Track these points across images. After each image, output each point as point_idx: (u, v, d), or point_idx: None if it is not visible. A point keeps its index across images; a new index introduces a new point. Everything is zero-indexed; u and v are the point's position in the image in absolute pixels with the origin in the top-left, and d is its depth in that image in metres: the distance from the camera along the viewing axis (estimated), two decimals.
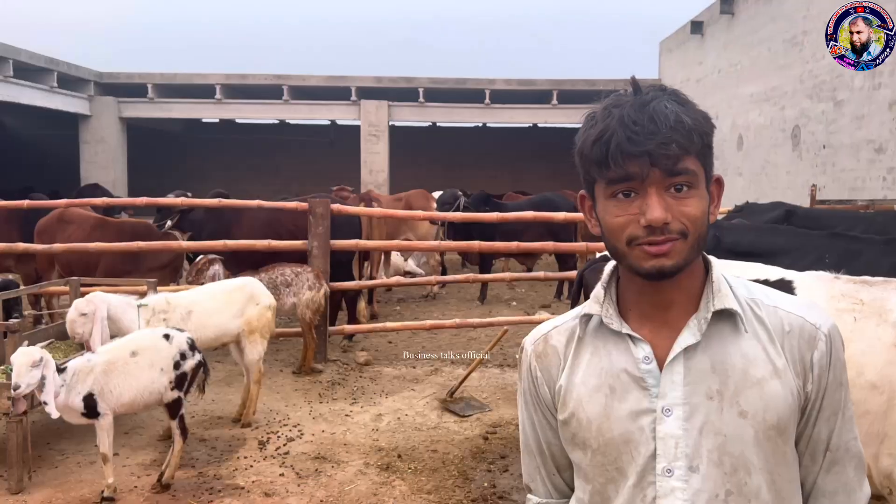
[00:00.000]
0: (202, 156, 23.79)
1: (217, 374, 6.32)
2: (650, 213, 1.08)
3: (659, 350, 1.16)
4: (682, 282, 1.15)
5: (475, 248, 7.90)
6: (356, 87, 19.05)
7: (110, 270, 6.98)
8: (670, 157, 1.07)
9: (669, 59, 18.11)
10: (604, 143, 1.10)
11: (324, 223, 6.81)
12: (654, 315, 1.18)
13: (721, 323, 1.15)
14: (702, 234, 1.12)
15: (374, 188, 18.38)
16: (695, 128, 1.09)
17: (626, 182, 1.10)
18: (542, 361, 1.28)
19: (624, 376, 1.17)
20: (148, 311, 4.83)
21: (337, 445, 4.86)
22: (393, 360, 7.16)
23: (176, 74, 19.44)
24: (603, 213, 1.16)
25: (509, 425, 5.31)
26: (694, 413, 1.12)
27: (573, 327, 1.25)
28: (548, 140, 23.18)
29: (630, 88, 1.16)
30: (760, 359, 1.14)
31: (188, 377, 4.23)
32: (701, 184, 1.12)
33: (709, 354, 1.14)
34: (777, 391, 1.12)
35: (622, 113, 1.10)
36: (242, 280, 5.51)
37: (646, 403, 1.14)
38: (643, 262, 1.11)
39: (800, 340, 1.15)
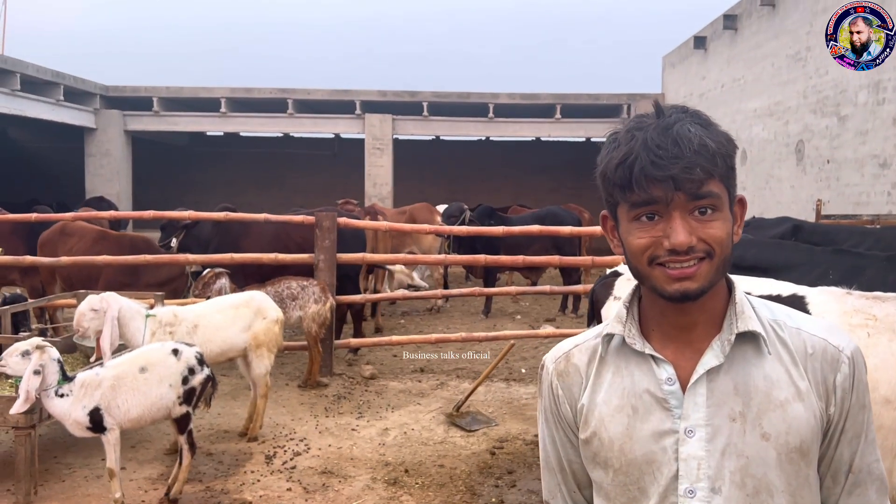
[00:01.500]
0: (206, 169, 23.87)
1: (223, 387, 6.31)
2: (674, 238, 1.08)
3: (682, 371, 1.16)
4: (705, 304, 1.15)
5: (481, 261, 7.90)
6: (360, 100, 19.14)
7: (111, 284, 6.99)
8: (694, 181, 1.07)
9: (672, 73, 18.19)
10: (627, 167, 1.10)
11: (330, 236, 6.83)
12: (677, 336, 1.18)
13: (744, 344, 1.15)
14: (726, 255, 1.12)
15: (378, 201, 18.42)
16: (718, 151, 1.09)
17: (650, 205, 1.10)
18: (564, 380, 1.28)
19: (647, 397, 1.17)
20: (155, 323, 4.84)
21: (344, 460, 4.85)
22: (398, 373, 7.15)
23: (181, 88, 19.55)
24: (626, 234, 1.16)
25: (516, 440, 5.30)
26: (716, 434, 1.12)
27: (595, 346, 1.25)
28: (551, 154, 23.25)
29: (653, 109, 1.16)
30: (783, 381, 1.14)
31: (196, 392, 4.23)
32: (725, 205, 1.12)
33: (731, 376, 1.14)
34: (800, 413, 1.12)
35: (645, 136, 1.09)
36: (249, 294, 5.52)
37: (668, 424, 1.15)
38: (667, 286, 1.11)
39: (822, 363, 1.15)
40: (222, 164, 23.91)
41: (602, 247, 18.25)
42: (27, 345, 3.84)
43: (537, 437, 4.65)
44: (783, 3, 12.14)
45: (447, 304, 11.26)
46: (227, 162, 23.91)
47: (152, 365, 4.09)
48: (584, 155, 23.22)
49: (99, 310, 4.64)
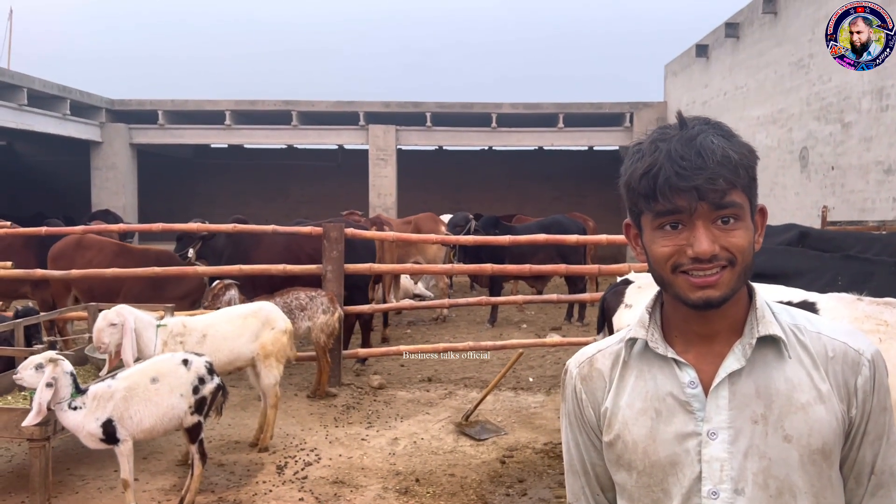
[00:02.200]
0: (211, 181, 23.97)
1: (232, 398, 6.32)
2: (698, 246, 1.11)
3: (704, 375, 1.18)
4: (727, 311, 1.18)
5: (487, 270, 7.92)
6: (364, 112, 19.23)
7: (133, 298, 7.02)
8: (717, 192, 1.10)
9: (675, 82, 18.25)
10: (652, 178, 1.13)
11: (338, 247, 6.86)
12: (699, 341, 1.20)
13: (765, 349, 1.18)
14: (748, 263, 1.15)
15: (383, 211, 18.48)
16: (741, 162, 1.13)
17: (674, 215, 1.13)
18: (588, 384, 1.31)
19: (670, 400, 1.19)
20: (165, 332, 4.88)
21: (354, 469, 4.86)
22: (406, 383, 7.16)
23: (186, 101, 19.67)
24: (650, 242, 1.19)
25: (526, 449, 5.30)
26: (739, 436, 1.15)
27: (618, 351, 1.28)
28: (554, 163, 23.30)
29: (676, 121, 1.19)
30: (805, 384, 1.16)
31: (207, 401, 4.26)
32: (747, 215, 1.15)
33: (753, 379, 1.16)
34: (821, 416, 1.14)
35: (669, 147, 1.12)
36: (258, 305, 5.54)
37: (691, 427, 1.17)
38: (690, 293, 1.13)
39: (843, 366, 1.17)
40: (227, 176, 24.01)
41: (607, 255, 18.39)
42: (41, 358, 3.89)
43: (546, 445, 4.68)
44: (785, 10, 12.19)
45: (453, 314, 11.28)
46: (232, 174, 24.01)
47: (163, 375, 4.11)
48: (587, 163, 23.29)
49: (117, 323, 4.69)
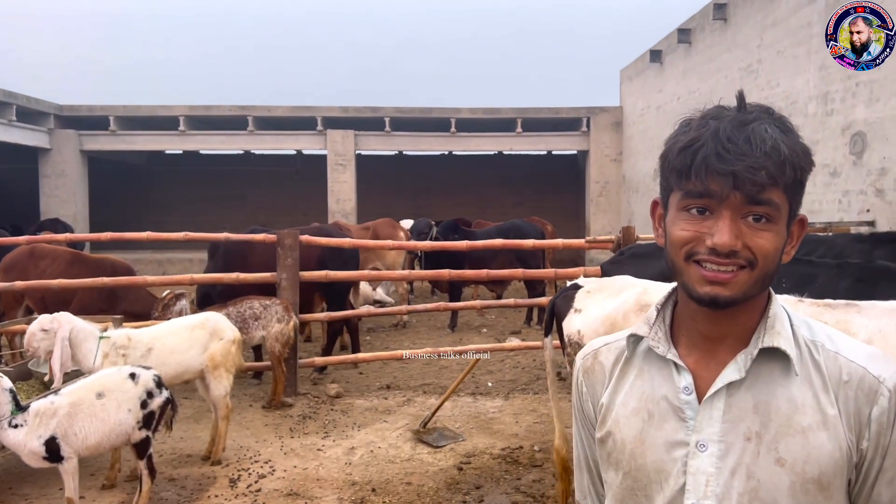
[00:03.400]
0: (166, 188, 23.52)
1: (185, 410, 6.20)
2: (718, 237, 1.02)
3: (702, 381, 1.11)
4: (738, 316, 1.09)
5: (445, 276, 7.91)
6: (322, 116, 19.08)
7: (84, 309, 6.83)
8: (756, 184, 1.00)
9: (630, 86, 18.52)
10: (691, 153, 1.04)
11: (292, 255, 6.77)
12: (704, 344, 1.13)
13: (772, 362, 1.09)
14: (770, 270, 1.06)
15: (342, 217, 18.35)
16: (790, 159, 1.02)
17: (704, 198, 1.04)
18: (589, 377, 1.26)
19: (664, 403, 1.13)
20: (108, 345, 4.70)
21: (310, 481, 4.79)
22: (364, 391, 7.10)
23: (139, 107, 19.27)
24: (671, 223, 1.10)
25: (483, 455, 5.29)
26: (729, 452, 1.07)
27: (623, 347, 1.22)
28: (514, 167, 23.43)
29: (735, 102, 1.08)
30: (809, 406, 1.06)
31: (156, 416, 4.16)
32: (782, 220, 1.05)
33: (753, 393, 1.08)
34: (822, 443, 1.05)
35: (719, 126, 1.03)
36: (205, 315, 5.40)
37: (681, 435, 1.10)
38: (698, 286, 1.05)
39: (858, 392, 1.06)
40: (182, 182, 23.58)
41: (566, 258, 18.52)
42: None
43: (504, 451, 4.67)
44: (734, 17, 12.47)
45: (413, 319, 11.24)
46: (188, 180, 23.60)
47: (109, 390, 4.00)
48: (546, 168, 23.48)
49: (49, 330, 4.53)
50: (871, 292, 3.49)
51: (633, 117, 18.20)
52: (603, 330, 3.41)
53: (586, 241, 7.74)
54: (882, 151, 8.41)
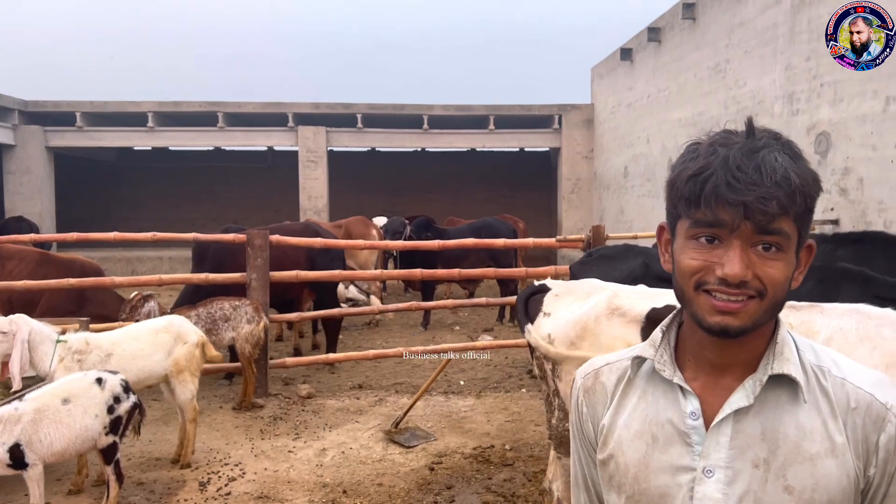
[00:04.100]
0: (135, 185, 23.15)
1: (154, 413, 6.14)
2: (729, 267, 1.01)
3: (709, 407, 1.10)
4: (746, 343, 1.08)
5: (417, 275, 7.93)
6: (293, 113, 18.90)
7: (52, 311, 6.70)
8: (767, 214, 1.00)
9: (601, 84, 18.64)
10: (700, 182, 1.02)
11: (262, 255, 6.73)
12: (710, 369, 1.12)
13: (779, 388, 1.08)
14: (779, 299, 1.05)
15: (314, 214, 18.24)
16: (801, 188, 1.01)
17: (713, 228, 1.03)
18: (590, 397, 1.25)
19: (669, 427, 1.12)
20: (64, 349, 4.59)
21: (280, 483, 4.77)
22: (336, 391, 7.08)
23: (106, 103, 18.92)
24: (679, 252, 1.08)
25: (455, 454, 5.32)
26: (736, 479, 1.06)
27: (625, 367, 1.21)
28: (486, 164, 23.47)
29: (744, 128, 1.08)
30: (818, 433, 1.06)
31: (123, 420, 4.11)
32: (791, 247, 1.05)
33: (761, 420, 1.07)
34: (831, 471, 1.04)
35: (728, 154, 1.02)
36: (168, 319, 5.31)
37: (687, 460, 1.09)
38: (708, 316, 1.04)
39: (865, 419, 1.06)
40: (152, 179, 23.23)
41: (539, 255, 18.61)
42: None
43: (475, 450, 4.70)
44: (703, 16, 12.61)
45: (386, 318, 11.23)
46: (157, 177, 23.25)
47: (75, 396, 3.95)
48: (518, 165, 23.56)
49: (8, 332, 4.43)
50: (833, 293, 3.57)
51: (604, 115, 18.34)
52: (574, 334, 3.44)
53: (556, 241, 7.81)
54: (845, 151, 8.58)
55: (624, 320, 3.35)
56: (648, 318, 3.22)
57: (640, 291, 3.48)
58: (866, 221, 8.10)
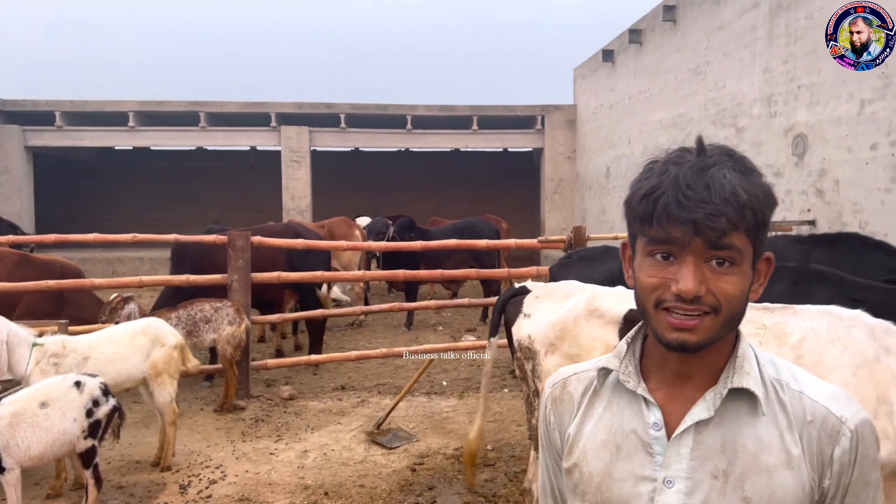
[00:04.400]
0: (116, 185, 22.95)
1: (134, 415, 6.11)
2: (682, 284, 1.04)
3: (671, 418, 1.12)
4: (706, 356, 1.11)
5: (400, 276, 7.94)
6: (276, 112, 18.83)
7: (31, 313, 6.63)
8: (716, 230, 1.02)
9: (583, 85, 18.74)
10: (652, 201, 1.05)
11: (244, 256, 6.71)
12: (673, 381, 1.14)
13: (739, 401, 1.11)
14: (735, 313, 1.07)
15: (297, 215, 18.18)
16: (750, 203, 1.04)
17: (667, 245, 1.06)
18: (557, 407, 1.27)
19: (632, 438, 1.14)
20: (40, 352, 4.54)
21: (261, 486, 4.76)
22: (318, 392, 7.08)
23: (86, 102, 18.74)
24: (638, 268, 1.12)
25: (437, 455, 5.34)
26: (696, 489, 1.08)
27: (592, 378, 1.23)
28: (470, 164, 23.51)
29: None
30: (775, 445, 1.09)
31: (102, 424, 4.09)
32: (746, 262, 1.07)
33: (721, 432, 1.10)
34: (787, 483, 1.07)
35: (679, 173, 1.05)
36: (146, 321, 5.26)
37: (649, 471, 1.12)
38: (666, 333, 1.07)
39: (821, 433, 1.09)
40: (132, 179, 23.05)
41: (523, 255, 18.68)
42: None
43: (457, 450, 4.72)
44: (683, 19, 12.73)
45: (369, 318, 11.23)
46: (138, 177, 23.07)
47: (53, 399, 3.92)
48: (502, 165, 23.62)
49: None
50: (806, 294, 3.64)
51: (586, 115, 18.44)
52: (553, 335, 3.47)
53: (538, 242, 7.85)
54: (822, 153, 8.70)
55: (602, 321, 3.39)
56: (626, 319, 3.27)
57: (619, 293, 3.52)
58: (842, 222, 8.22)
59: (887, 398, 2.64)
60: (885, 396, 2.65)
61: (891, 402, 2.63)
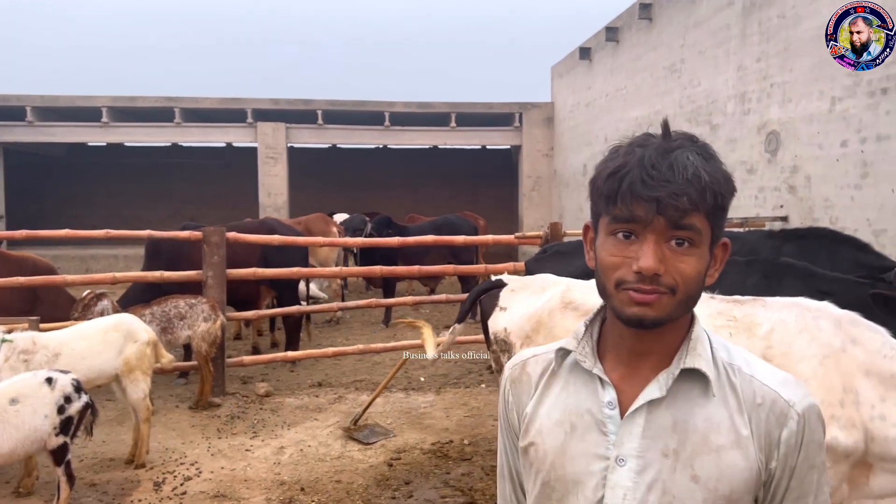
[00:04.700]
0: (89, 181, 22.62)
1: (108, 413, 6.04)
2: (643, 261, 1.07)
3: (625, 397, 1.15)
4: (663, 335, 1.14)
5: (377, 272, 7.93)
6: (252, 109, 18.68)
7: (4, 310, 6.51)
8: (678, 210, 1.05)
9: (561, 83, 18.82)
10: (617, 179, 1.08)
11: (219, 252, 6.65)
12: (630, 361, 1.17)
13: (691, 382, 1.14)
14: (692, 293, 1.11)
15: (273, 211, 18.06)
16: (710, 186, 1.07)
17: (629, 223, 1.08)
18: (516, 387, 1.29)
19: (587, 417, 1.16)
20: (9, 348, 4.47)
21: (237, 482, 4.74)
22: (295, 389, 7.05)
23: (58, 97, 18.45)
24: (601, 248, 1.14)
25: (414, 450, 5.34)
26: (647, 468, 1.11)
27: (550, 359, 1.26)
28: (448, 161, 23.51)
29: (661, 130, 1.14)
30: (724, 426, 1.12)
31: (74, 421, 4.04)
32: (704, 243, 1.10)
33: (672, 412, 1.12)
34: (735, 462, 1.10)
35: (644, 154, 1.08)
36: (118, 317, 5.21)
37: (602, 449, 1.14)
38: (626, 308, 1.10)
39: (769, 415, 1.12)
40: (106, 176, 22.73)
41: (501, 251, 18.72)
42: None
43: (434, 445, 4.73)
44: (659, 17, 12.84)
45: (347, 315, 11.20)
46: (112, 174, 22.76)
47: (24, 396, 3.87)
48: (480, 162, 23.66)
49: None
50: (776, 286, 3.70)
51: (563, 113, 18.53)
52: (529, 328, 3.49)
53: (515, 237, 7.88)
54: (794, 150, 8.83)
55: (577, 314, 3.42)
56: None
57: (593, 286, 3.54)
58: (813, 218, 8.35)
59: (853, 387, 2.69)
60: (851, 386, 2.71)
61: (857, 391, 2.69)
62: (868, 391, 2.67)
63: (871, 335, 2.76)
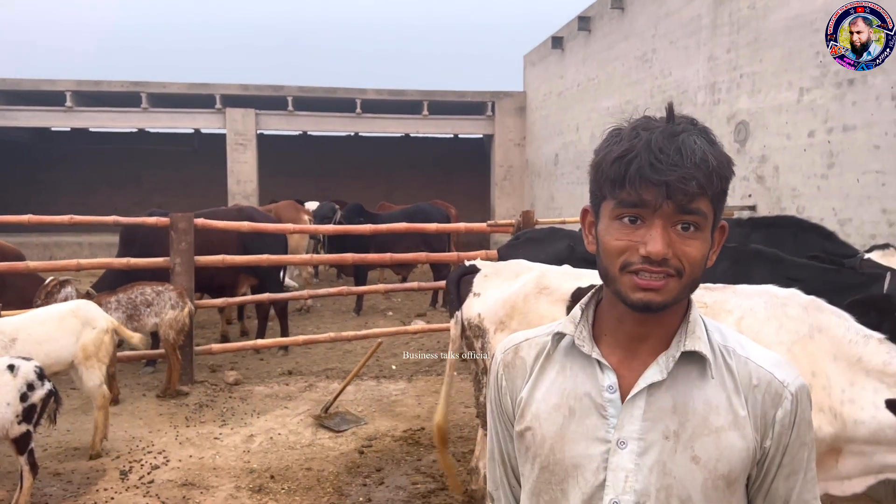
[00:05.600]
0: (53, 168, 22.11)
1: (72, 401, 5.92)
2: (652, 245, 1.06)
3: (624, 381, 1.15)
4: (663, 318, 1.15)
5: (349, 260, 7.86)
6: (220, 94, 18.39)
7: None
8: (687, 194, 1.05)
9: (533, 72, 18.82)
10: (625, 163, 1.07)
11: (187, 238, 6.54)
12: (628, 345, 1.17)
13: (689, 365, 1.15)
14: (696, 276, 1.11)
15: (243, 199, 17.83)
16: (717, 170, 1.08)
17: (637, 208, 1.08)
18: (509, 372, 1.28)
19: (586, 400, 1.16)
20: None
21: (206, 470, 4.68)
22: (265, 377, 6.98)
23: (20, 80, 17.97)
24: (604, 232, 1.14)
25: (385, 437, 5.33)
26: (648, 450, 1.12)
27: (545, 343, 1.25)
28: (420, 150, 23.44)
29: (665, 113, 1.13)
30: (723, 407, 1.13)
31: (37, 409, 3.95)
32: (708, 227, 1.11)
33: (672, 394, 1.14)
34: (734, 442, 1.12)
35: (650, 137, 1.07)
36: (76, 303, 5.10)
37: (602, 433, 1.14)
38: (631, 293, 1.09)
39: (765, 396, 1.14)
40: (71, 162, 22.25)
41: (473, 240, 18.72)
42: None
43: (406, 432, 4.71)
44: (631, 6, 12.88)
45: (318, 304, 11.12)
46: (77, 160, 22.28)
47: None
48: (452, 151, 23.62)
49: None
50: (746, 273, 3.74)
51: (535, 102, 18.54)
52: (503, 313, 3.49)
53: (488, 225, 7.88)
54: (763, 140, 8.94)
55: (551, 299, 3.42)
56: (574, 296, 3.31)
57: (566, 272, 3.56)
58: (781, 207, 8.47)
59: (823, 372, 2.74)
60: (819, 370, 2.75)
61: (827, 376, 2.73)
62: (837, 376, 2.71)
63: (837, 321, 2.80)
